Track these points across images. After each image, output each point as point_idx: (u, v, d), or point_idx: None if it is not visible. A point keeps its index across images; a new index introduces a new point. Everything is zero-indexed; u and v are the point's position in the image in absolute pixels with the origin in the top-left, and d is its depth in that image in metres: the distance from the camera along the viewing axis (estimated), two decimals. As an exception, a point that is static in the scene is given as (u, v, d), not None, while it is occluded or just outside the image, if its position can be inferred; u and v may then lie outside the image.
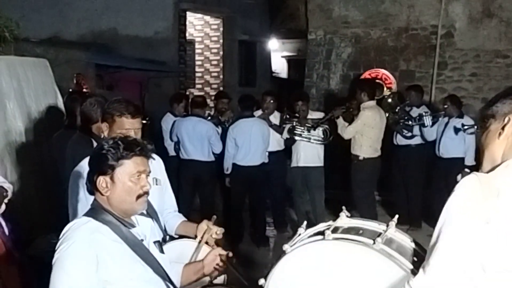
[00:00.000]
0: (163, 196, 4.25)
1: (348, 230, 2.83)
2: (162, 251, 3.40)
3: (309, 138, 9.74)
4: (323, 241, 2.75)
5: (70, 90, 9.89)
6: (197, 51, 19.71)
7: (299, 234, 3.08)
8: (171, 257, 3.59)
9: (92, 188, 3.14)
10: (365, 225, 2.87)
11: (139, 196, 3.11)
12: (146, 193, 3.15)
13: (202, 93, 19.06)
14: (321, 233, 2.82)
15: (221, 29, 19.27)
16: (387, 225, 2.83)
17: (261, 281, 2.84)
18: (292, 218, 10.59)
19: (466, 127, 9.49)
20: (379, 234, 2.71)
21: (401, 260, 2.56)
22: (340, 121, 9.59)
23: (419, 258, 2.55)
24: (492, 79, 12.63)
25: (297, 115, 9.77)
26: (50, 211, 7.30)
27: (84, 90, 10.62)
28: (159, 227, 3.86)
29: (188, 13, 17.59)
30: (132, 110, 4.10)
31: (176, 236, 4.28)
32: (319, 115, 10.18)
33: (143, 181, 3.11)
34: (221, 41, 19.34)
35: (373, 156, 9.49)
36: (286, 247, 2.87)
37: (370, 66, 13.59)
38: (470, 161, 9.21)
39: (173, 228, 4.25)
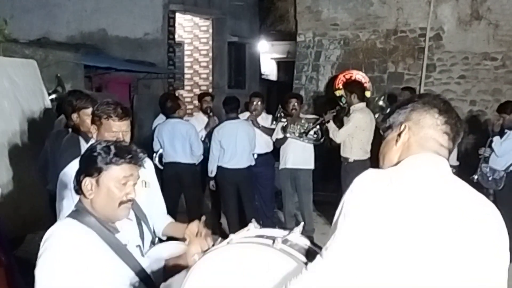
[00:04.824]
0: (153, 199, 4.23)
1: (254, 237, 2.93)
2: (142, 255, 3.39)
3: (302, 137, 9.75)
4: (228, 245, 2.84)
5: (51, 91, 9.86)
6: (186, 52, 19.69)
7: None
8: (159, 259, 3.57)
9: (78, 189, 3.12)
10: (269, 232, 2.97)
11: (122, 203, 3.07)
12: (130, 200, 3.12)
13: (191, 95, 19.08)
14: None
15: (211, 30, 19.26)
16: (290, 232, 2.94)
17: None
18: (280, 220, 10.60)
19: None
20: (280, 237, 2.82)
21: (300, 257, 2.66)
22: (331, 125, 9.58)
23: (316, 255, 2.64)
24: (481, 81, 12.68)
25: (291, 112, 9.79)
26: (42, 208, 7.33)
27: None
28: (148, 230, 3.85)
29: (178, 15, 17.57)
30: (119, 113, 4.09)
31: (164, 238, 4.28)
32: (311, 116, 10.22)
33: (128, 188, 3.08)
34: (210, 42, 19.34)
35: (363, 158, 9.48)
36: (195, 256, 2.96)
37: (359, 68, 13.63)
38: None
39: (160, 230, 4.24)
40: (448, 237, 2.27)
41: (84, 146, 5.78)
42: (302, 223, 3.18)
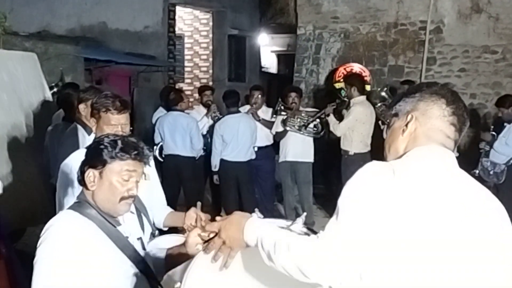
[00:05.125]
0: (152, 191, 4.24)
1: None
2: (144, 248, 3.39)
3: (302, 130, 9.73)
4: None
5: (53, 84, 9.87)
6: (186, 45, 19.67)
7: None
8: (160, 250, 3.58)
9: (81, 179, 3.12)
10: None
11: (123, 198, 3.08)
12: (132, 197, 3.12)
13: (191, 88, 19.08)
14: None
15: (211, 23, 19.24)
16: (293, 222, 2.94)
17: (177, 284, 2.90)
18: (281, 213, 10.60)
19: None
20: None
21: None
22: (332, 119, 9.58)
23: None
24: (481, 74, 12.67)
25: (291, 106, 9.77)
26: (43, 201, 7.34)
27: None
28: (148, 222, 3.86)
29: (178, 8, 17.54)
30: (118, 106, 4.09)
31: (165, 229, 4.29)
32: (311, 110, 10.23)
33: (131, 184, 3.08)
34: (210, 35, 19.32)
35: (363, 151, 9.50)
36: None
37: (359, 61, 13.62)
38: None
39: (161, 221, 4.25)
40: (449, 232, 2.26)
41: (86, 138, 5.80)
42: (305, 213, 3.18)
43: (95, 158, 3.07)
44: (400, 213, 2.25)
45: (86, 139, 5.72)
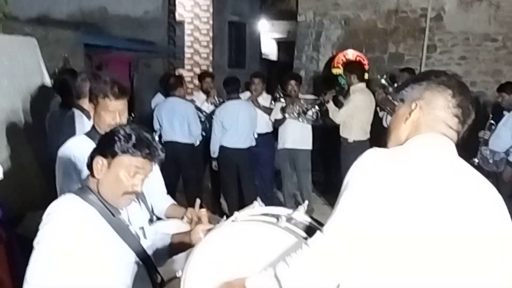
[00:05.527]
0: (152, 178, 4.24)
1: (259, 215, 2.97)
2: (145, 237, 3.40)
3: (300, 117, 9.71)
4: (233, 223, 2.88)
5: (57, 70, 9.86)
6: (186, 31, 19.66)
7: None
8: (164, 236, 3.60)
9: (89, 164, 3.12)
10: (274, 210, 3.01)
11: (126, 193, 3.08)
12: (134, 192, 3.11)
13: (191, 74, 19.06)
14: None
15: (211, 10, 19.22)
16: (295, 210, 2.98)
17: (179, 273, 2.92)
18: (280, 200, 10.61)
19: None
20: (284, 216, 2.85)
21: (304, 236, 2.70)
22: (331, 106, 9.57)
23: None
24: (481, 62, 12.64)
25: (290, 93, 9.76)
26: (42, 187, 7.34)
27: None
28: (146, 208, 3.86)
29: (178, -7, 17.54)
30: (116, 92, 4.06)
31: (166, 219, 4.30)
32: (310, 97, 10.21)
33: (136, 180, 3.07)
34: (211, 22, 19.30)
35: (363, 138, 9.49)
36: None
37: (360, 49, 13.59)
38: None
39: (162, 211, 4.26)
40: (449, 224, 2.27)
41: (85, 123, 5.79)
42: (306, 202, 3.20)
43: (106, 147, 3.06)
44: (400, 204, 2.26)
45: (85, 124, 5.72)
